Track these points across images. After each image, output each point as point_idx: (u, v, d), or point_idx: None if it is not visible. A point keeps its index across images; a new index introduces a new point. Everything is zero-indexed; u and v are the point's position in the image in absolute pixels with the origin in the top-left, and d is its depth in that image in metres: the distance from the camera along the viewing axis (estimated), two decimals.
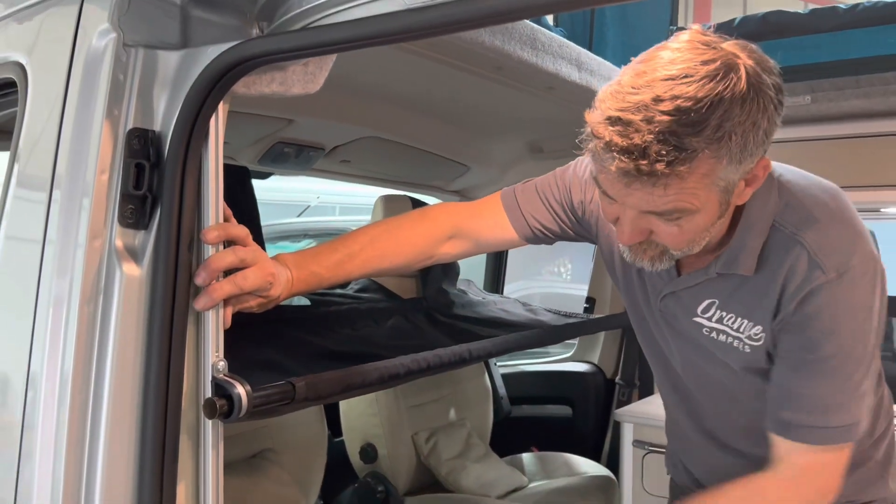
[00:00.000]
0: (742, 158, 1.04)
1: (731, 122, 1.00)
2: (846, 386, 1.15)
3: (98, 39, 1.06)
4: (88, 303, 1.02)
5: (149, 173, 1.04)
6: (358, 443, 2.48)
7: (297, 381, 1.16)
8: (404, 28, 0.87)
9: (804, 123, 2.29)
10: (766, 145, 1.08)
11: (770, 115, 1.06)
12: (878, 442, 1.39)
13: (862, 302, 1.14)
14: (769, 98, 1.05)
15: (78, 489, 1.01)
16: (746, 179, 1.10)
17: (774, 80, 1.08)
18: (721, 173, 1.03)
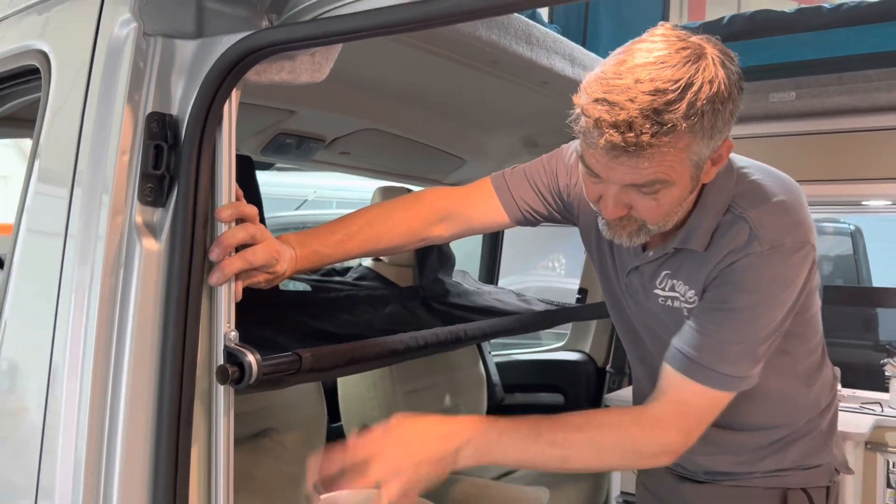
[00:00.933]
0: (713, 135, 1.15)
1: (703, 101, 1.12)
2: (745, 342, 1.24)
3: (120, 29, 1.13)
4: (111, 275, 1.09)
5: (167, 154, 1.11)
6: (355, 426, 2.55)
7: (304, 353, 1.23)
8: (407, 19, 0.94)
9: (789, 119, 2.37)
10: (731, 125, 1.19)
11: (734, 97, 1.17)
12: (824, 413, 1.52)
13: (786, 276, 1.24)
14: (733, 82, 1.17)
15: (99, 449, 1.08)
16: (713, 158, 1.21)
17: (736, 69, 1.20)
18: (695, 148, 1.15)
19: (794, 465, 1.50)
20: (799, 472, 1.50)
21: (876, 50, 2.25)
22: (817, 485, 1.50)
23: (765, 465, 1.51)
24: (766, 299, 1.24)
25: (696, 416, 1.27)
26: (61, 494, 1.08)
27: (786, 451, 1.50)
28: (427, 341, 1.54)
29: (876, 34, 2.28)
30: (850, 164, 2.27)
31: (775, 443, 1.50)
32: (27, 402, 1.18)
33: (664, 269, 1.37)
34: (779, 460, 1.50)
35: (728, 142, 1.22)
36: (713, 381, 1.25)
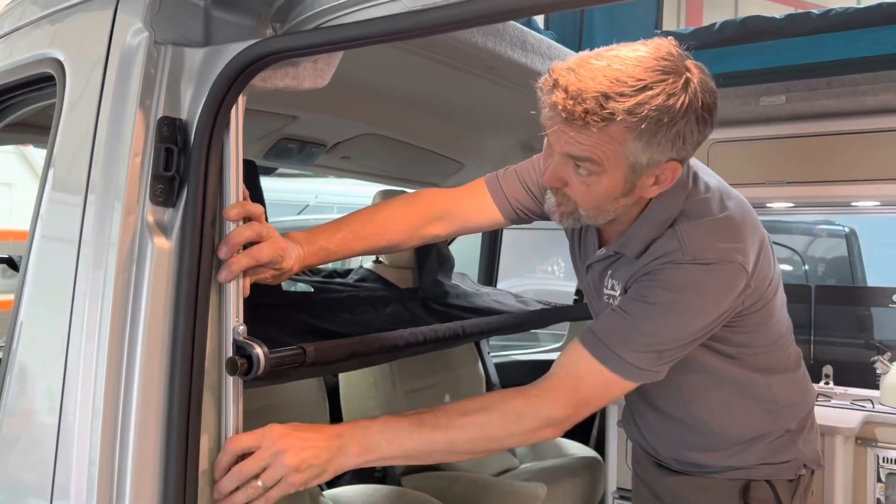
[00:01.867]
0: (650, 142, 1.22)
1: (652, 108, 1.18)
2: (653, 336, 1.28)
3: (132, 37, 1.19)
4: (124, 271, 1.15)
5: (177, 157, 1.17)
6: None
7: (308, 347, 1.29)
8: (405, 28, 1.00)
9: (780, 122, 2.43)
10: (678, 148, 1.25)
11: (690, 123, 1.23)
12: (791, 412, 1.58)
13: (705, 287, 1.28)
14: (695, 110, 1.23)
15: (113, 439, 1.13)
16: (656, 176, 1.29)
17: (708, 101, 1.25)
18: (631, 147, 1.23)
19: (757, 461, 1.57)
20: (762, 468, 1.57)
21: (863, 54, 2.31)
22: (782, 478, 1.57)
23: (731, 461, 1.58)
24: (681, 302, 1.28)
25: (586, 393, 1.28)
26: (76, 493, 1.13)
27: (750, 448, 1.57)
28: (426, 337, 1.60)
29: (863, 39, 2.34)
30: (839, 166, 2.32)
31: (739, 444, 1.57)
32: (42, 404, 1.23)
33: (609, 270, 1.47)
34: (742, 458, 1.57)
35: (673, 165, 1.27)
36: (611, 363, 1.27)
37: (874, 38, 2.33)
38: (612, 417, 2.44)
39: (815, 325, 2.82)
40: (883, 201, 2.47)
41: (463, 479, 2.47)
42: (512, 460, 2.69)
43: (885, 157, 2.25)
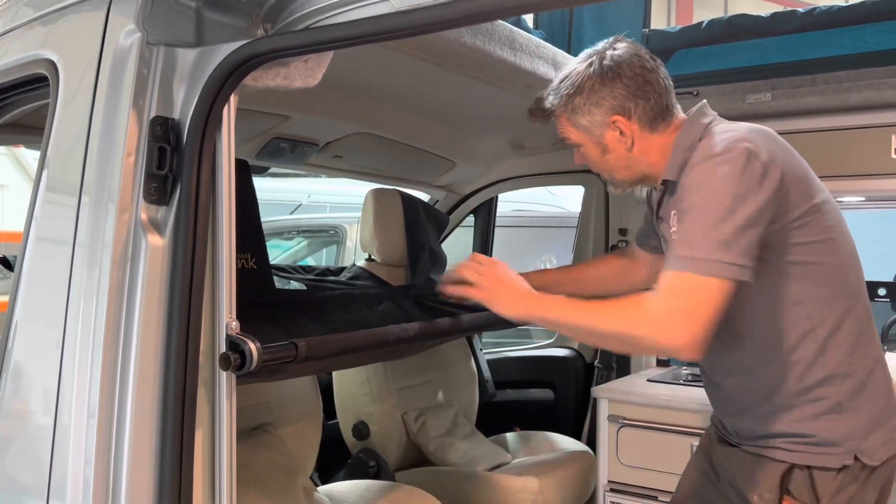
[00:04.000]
0: (583, 112, 1.63)
1: (574, 89, 1.62)
2: (706, 230, 1.42)
3: (124, 38, 1.20)
4: (118, 269, 1.17)
5: (170, 156, 1.19)
6: (350, 420, 2.62)
7: (300, 342, 1.31)
8: (393, 28, 1.02)
9: (765, 119, 2.45)
10: (607, 106, 1.61)
11: (598, 85, 1.60)
12: (835, 381, 1.52)
13: (724, 174, 1.44)
14: (598, 74, 1.60)
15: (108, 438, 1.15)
16: (614, 131, 1.62)
17: (609, 63, 1.60)
18: (575, 119, 1.65)
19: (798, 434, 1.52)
20: (803, 448, 1.53)
21: (847, 52, 2.34)
22: (825, 465, 1.51)
23: (772, 425, 1.55)
24: (711, 195, 1.44)
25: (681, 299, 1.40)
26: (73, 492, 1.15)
27: (789, 411, 1.54)
28: (416, 333, 1.62)
29: (847, 37, 2.37)
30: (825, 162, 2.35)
31: (776, 395, 1.54)
32: (38, 404, 1.25)
33: (670, 209, 1.59)
34: (785, 422, 1.54)
35: (617, 118, 1.61)
36: (690, 266, 1.40)
37: (858, 36, 2.36)
38: (602, 412, 2.47)
39: None
40: (867, 196, 2.50)
41: (455, 473, 2.49)
42: (505, 455, 2.72)
43: (869, 153, 2.28)
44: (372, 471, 2.51)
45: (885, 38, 2.34)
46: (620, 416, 2.42)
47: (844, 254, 1.58)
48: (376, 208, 2.71)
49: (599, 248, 3.15)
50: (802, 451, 1.54)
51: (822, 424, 1.53)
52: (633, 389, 2.49)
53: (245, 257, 2.02)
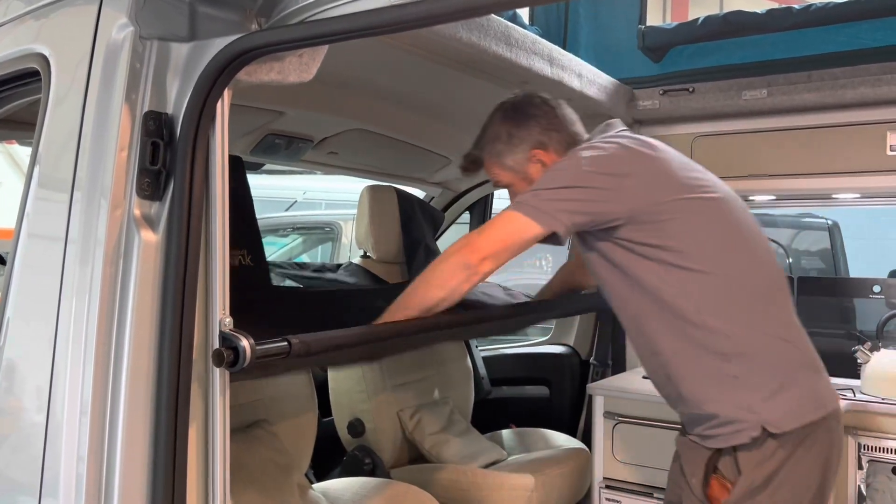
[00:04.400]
0: (501, 154, 1.91)
1: (496, 138, 1.92)
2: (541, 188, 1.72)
3: (117, 32, 1.19)
4: (111, 265, 1.16)
5: (163, 151, 1.18)
6: (346, 418, 2.61)
7: (293, 339, 1.30)
8: (388, 22, 1.01)
9: (761, 115, 2.46)
10: (518, 147, 1.88)
11: (531, 126, 1.87)
12: (731, 358, 1.65)
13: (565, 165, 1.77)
14: (528, 116, 1.88)
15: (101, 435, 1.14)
16: (542, 163, 1.86)
17: (541, 104, 1.91)
18: (502, 162, 1.91)
19: (710, 412, 1.66)
20: (718, 429, 1.65)
21: (842, 49, 2.35)
22: (739, 443, 1.63)
23: (693, 410, 1.70)
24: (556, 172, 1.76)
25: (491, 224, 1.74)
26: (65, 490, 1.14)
27: (699, 392, 1.68)
28: (409, 330, 1.61)
29: (842, 34, 2.38)
30: (820, 158, 2.35)
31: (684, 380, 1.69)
32: (30, 401, 1.24)
33: None
34: (699, 405, 1.68)
35: (536, 152, 1.87)
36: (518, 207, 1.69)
37: (853, 33, 2.37)
38: (598, 409, 2.47)
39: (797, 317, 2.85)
40: (862, 193, 2.50)
41: (451, 470, 2.49)
42: (500, 452, 2.71)
43: (864, 149, 2.29)
44: (367, 468, 2.50)
45: (881, 35, 2.35)
46: (616, 412, 2.42)
47: (725, 240, 1.72)
48: (372, 205, 2.71)
49: None
50: (717, 434, 1.66)
51: (725, 403, 1.65)
52: (628, 386, 2.49)
53: (241, 254, 2.01)
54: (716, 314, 1.66)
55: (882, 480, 2.28)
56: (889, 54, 2.28)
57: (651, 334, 1.73)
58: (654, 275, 1.68)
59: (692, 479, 1.72)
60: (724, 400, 1.65)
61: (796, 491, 1.65)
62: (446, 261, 1.73)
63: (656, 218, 1.67)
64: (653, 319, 1.71)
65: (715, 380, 1.66)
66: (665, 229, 1.67)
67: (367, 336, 1.49)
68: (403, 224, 2.80)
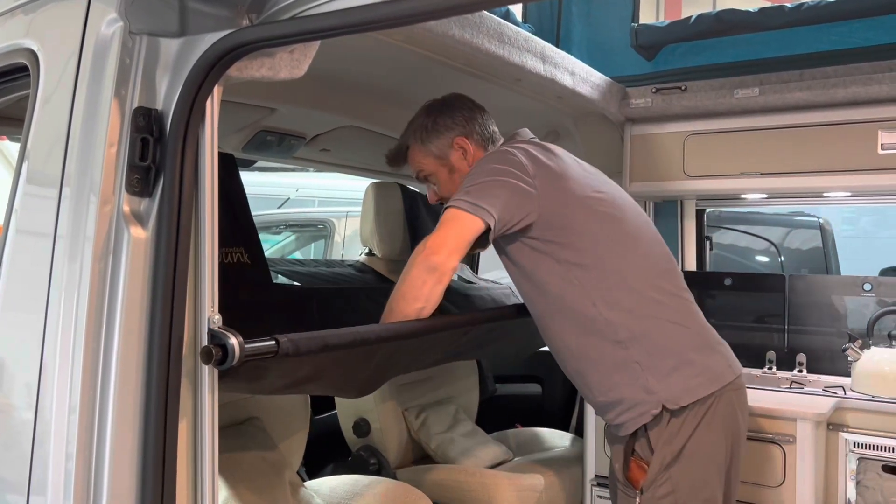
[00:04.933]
0: (425, 140, 2.04)
1: (414, 127, 2.07)
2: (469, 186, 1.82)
3: (106, 27, 1.19)
4: (99, 262, 1.15)
5: (153, 147, 1.17)
6: (351, 418, 2.59)
7: (281, 338, 1.29)
8: (382, 17, 1.01)
9: (753, 114, 2.46)
10: (448, 132, 2.02)
11: (455, 115, 2.04)
12: (628, 343, 1.79)
13: (489, 163, 1.88)
14: (452, 107, 2.05)
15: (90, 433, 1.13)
16: (464, 150, 2.02)
17: (466, 100, 2.09)
18: (427, 149, 2.04)
19: (617, 398, 1.80)
20: (627, 413, 1.79)
21: (834, 48, 2.35)
22: (645, 422, 1.78)
23: (604, 400, 1.83)
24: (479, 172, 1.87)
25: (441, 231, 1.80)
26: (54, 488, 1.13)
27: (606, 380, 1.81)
28: (399, 332, 1.61)
29: (834, 32, 2.38)
30: (812, 157, 2.36)
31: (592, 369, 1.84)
32: (19, 399, 1.24)
33: None
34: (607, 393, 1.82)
35: (459, 140, 2.02)
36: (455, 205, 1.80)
37: (844, 32, 2.37)
38: (590, 408, 2.47)
39: (788, 315, 2.86)
40: (854, 192, 2.51)
41: (459, 471, 2.46)
42: (506, 452, 2.69)
43: (855, 148, 2.29)
44: (373, 468, 2.49)
45: (873, 34, 2.35)
46: None
47: (615, 237, 1.88)
48: (377, 202, 2.68)
49: None
50: (626, 419, 1.81)
51: (629, 388, 1.79)
52: None
53: (239, 251, 2.01)
54: (610, 306, 1.80)
55: (872, 478, 2.30)
56: (880, 53, 2.29)
57: (557, 331, 1.88)
58: (556, 274, 1.82)
59: (615, 465, 1.90)
60: (627, 384, 1.79)
61: (706, 461, 1.80)
62: (411, 271, 1.79)
63: (560, 218, 1.83)
64: (557, 317, 1.86)
65: (619, 367, 1.80)
66: (567, 228, 1.83)
67: (358, 337, 1.48)
68: (409, 221, 2.78)
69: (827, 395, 2.42)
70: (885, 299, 2.70)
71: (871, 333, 2.61)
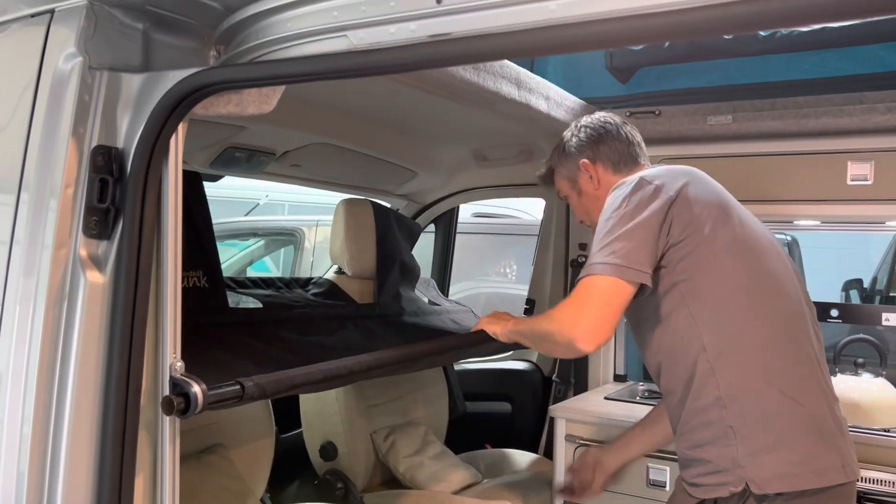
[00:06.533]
0: (558, 163, 2.00)
1: (556, 147, 2.01)
2: (603, 241, 1.64)
3: (64, 62, 1.13)
4: (54, 307, 1.10)
5: (112, 187, 1.12)
6: (318, 441, 2.54)
7: (247, 382, 1.25)
8: (351, 67, 0.98)
9: (726, 140, 2.47)
10: (576, 156, 1.94)
11: (571, 146, 1.97)
12: (741, 408, 1.57)
13: (616, 199, 1.69)
14: (573, 137, 1.97)
15: (41, 480, 1.08)
16: (589, 174, 1.92)
17: (600, 120, 1.96)
18: (560, 171, 2.00)
19: (698, 457, 1.60)
20: (702, 477, 1.60)
21: (806, 76, 2.37)
22: (719, 496, 1.57)
23: (683, 453, 1.65)
24: (606, 214, 1.68)
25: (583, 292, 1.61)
26: None
27: (691, 435, 1.63)
28: (370, 365, 1.58)
29: (806, 61, 2.40)
30: (782, 185, 2.37)
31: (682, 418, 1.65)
32: None
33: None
34: (690, 448, 1.63)
35: (583, 162, 1.92)
36: (585, 271, 1.62)
37: (817, 61, 2.39)
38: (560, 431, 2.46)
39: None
40: (822, 220, 2.53)
41: (427, 497, 2.43)
42: (476, 475, 2.66)
43: (825, 178, 2.31)
44: (339, 493, 2.44)
45: (844, 64, 2.37)
46: (577, 435, 2.41)
47: (749, 278, 1.64)
48: (347, 220, 2.63)
49: (560, 262, 3.14)
50: (704, 483, 1.60)
51: (715, 450, 1.58)
52: (589, 408, 2.48)
53: (196, 275, 1.95)
54: (724, 355, 1.59)
55: None
56: (852, 83, 2.31)
57: (668, 371, 1.70)
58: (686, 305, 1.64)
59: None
60: (715, 446, 1.58)
61: None
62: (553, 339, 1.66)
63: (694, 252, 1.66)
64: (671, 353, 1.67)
65: (709, 423, 1.59)
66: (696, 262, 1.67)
67: (325, 375, 1.44)
68: (379, 239, 2.74)
69: None
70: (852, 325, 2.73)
71: (838, 360, 2.63)
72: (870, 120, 2.20)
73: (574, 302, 1.60)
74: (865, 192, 2.26)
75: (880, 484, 2.23)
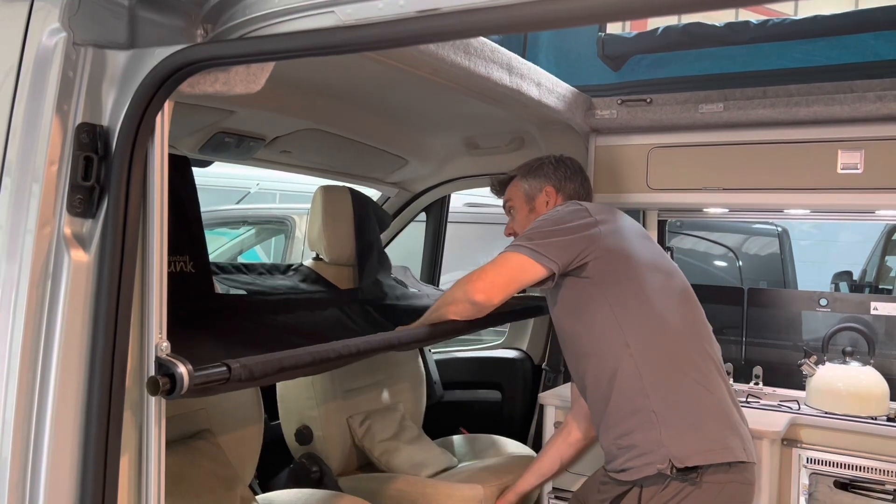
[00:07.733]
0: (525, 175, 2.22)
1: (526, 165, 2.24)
2: (524, 235, 1.95)
3: (48, 38, 1.12)
4: (37, 286, 1.09)
5: (97, 165, 1.11)
6: (294, 425, 2.55)
7: (233, 364, 1.24)
8: (339, 43, 0.96)
9: (717, 129, 2.47)
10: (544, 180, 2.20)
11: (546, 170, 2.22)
12: (662, 395, 1.80)
13: (547, 214, 2.03)
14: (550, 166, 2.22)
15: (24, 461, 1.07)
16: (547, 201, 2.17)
17: (558, 165, 2.23)
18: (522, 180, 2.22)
19: (626, 444, 1.79)
20: (630, 461, 1.78)
21: (797, 65, 2.36)
22: (646, 475, 1.76)
23: (609, 443, 1.85)
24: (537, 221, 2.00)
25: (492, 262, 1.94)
26: None
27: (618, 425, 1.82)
28: (359, 348, 1.57)
29: (798, 50, 2.40)
30: (773, 174, 2.37)
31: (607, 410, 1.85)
32: None
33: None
34: (616, 437, 1.83)
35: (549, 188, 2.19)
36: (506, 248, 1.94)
37: (808, 50, 2.38)
38: (549, 418, 2.46)
39: (746, 327, 2.89)
40: (813, 209, 2.54)
41: (400, 480, 2.45)
42: (451, 459, 2.69)
43: (816, 167, 2.31)
44: (314, 476, 2.45)
45: (835, 54, 2.37)
46: None
47: (662, 286, 1.94)
48: (325, 206, 2.64)
49: None
50: (630, 466, 1.79)
51: (640, 435, 1.79)
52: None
53: (183, 260, 1.94)
54: (646, 350, 1.84)
55: (824, 492, 2.33)
56: (842, 72, 2.31)
57: (590, 366, 1.92)
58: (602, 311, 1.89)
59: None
60: (641, 431, 1.79)
61: None
62: (455, 300, 1.93)
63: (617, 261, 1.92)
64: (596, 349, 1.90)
65: (636, 410, 1.81)
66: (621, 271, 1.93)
67: (313, 357, 1.44)
68: (357, 226, 2.74)
69: (783, 410, 2.45)
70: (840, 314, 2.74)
71: (827, 349, 2.64)
72: (860, 108, 2.21)
73: (485, 265, 1.94)
74: (856, 181, 2.27)
75: (867, 471, 2.25)
